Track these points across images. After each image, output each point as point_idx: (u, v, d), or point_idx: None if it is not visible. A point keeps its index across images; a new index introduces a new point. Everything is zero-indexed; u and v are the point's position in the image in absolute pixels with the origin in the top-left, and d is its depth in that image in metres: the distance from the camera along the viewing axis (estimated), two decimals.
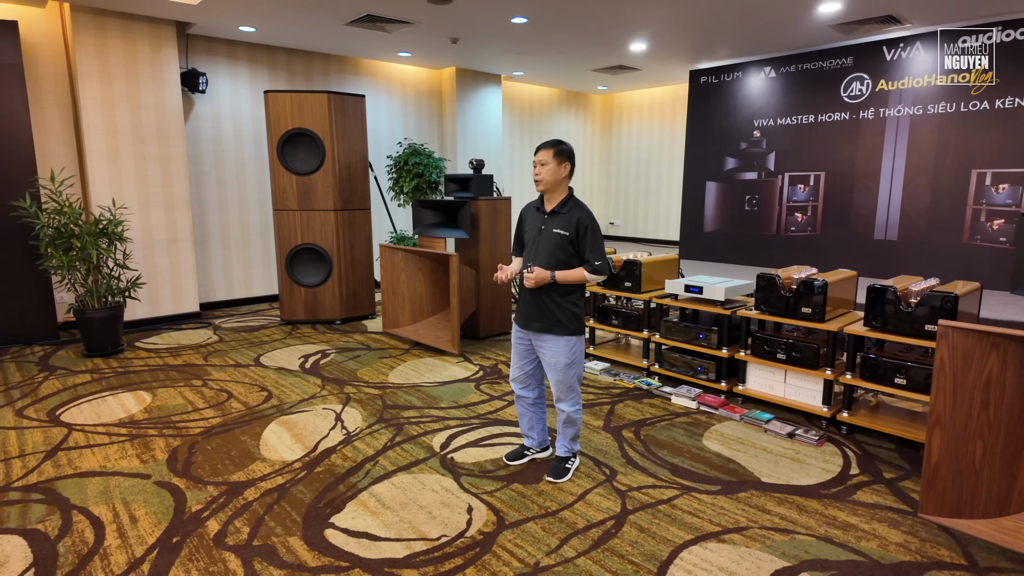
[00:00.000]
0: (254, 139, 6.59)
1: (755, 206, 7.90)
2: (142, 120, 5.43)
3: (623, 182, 10.94)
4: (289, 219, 5.57)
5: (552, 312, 2.62)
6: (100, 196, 5.28)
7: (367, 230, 5.92)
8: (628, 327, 4.34)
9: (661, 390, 3.92)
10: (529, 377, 2.81)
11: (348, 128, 5.61)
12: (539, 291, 2.64)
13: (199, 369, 4.41)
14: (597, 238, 2.58)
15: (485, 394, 3.91)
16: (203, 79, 5.97)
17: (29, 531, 2.44)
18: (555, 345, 2.64)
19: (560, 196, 2.64)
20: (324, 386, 4.05)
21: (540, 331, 2.66)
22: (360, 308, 5.95)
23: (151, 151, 5.50)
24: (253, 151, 6.60)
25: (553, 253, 2.60)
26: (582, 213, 2.58)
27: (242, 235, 6.62)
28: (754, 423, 3.46)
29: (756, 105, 7.76)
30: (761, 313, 3.59)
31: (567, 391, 2.70)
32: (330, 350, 4.90)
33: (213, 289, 6.45)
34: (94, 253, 4.57)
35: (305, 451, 3.09)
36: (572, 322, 2.63)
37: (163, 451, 3.09)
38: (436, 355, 4.78)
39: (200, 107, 6.21)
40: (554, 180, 2.60)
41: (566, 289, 2.62)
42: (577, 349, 2.66)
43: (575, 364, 2.67)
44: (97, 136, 5.24)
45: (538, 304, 2.65)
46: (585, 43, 6.62)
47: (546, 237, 2.62)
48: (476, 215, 5.00)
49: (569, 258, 2.60)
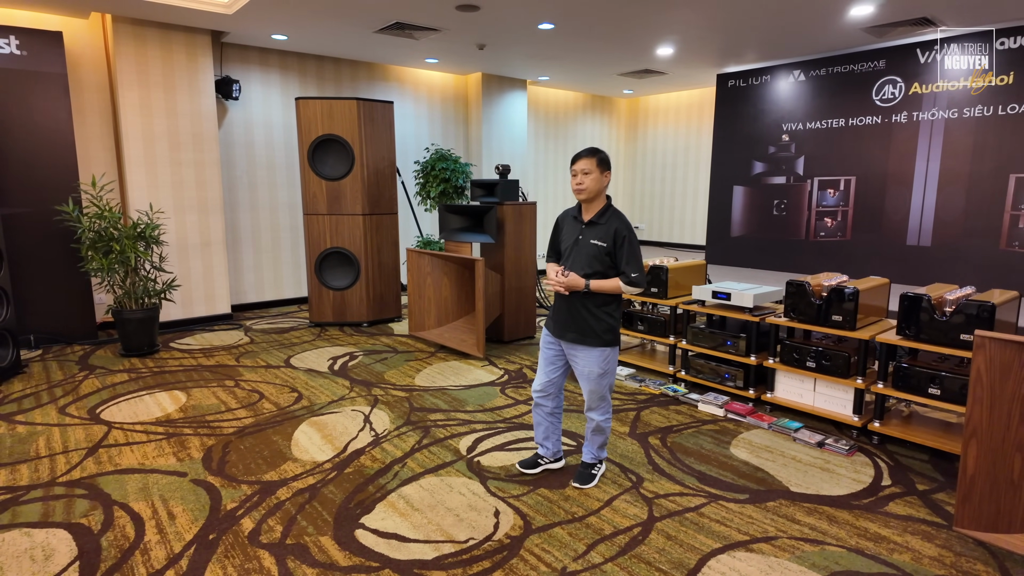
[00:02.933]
0: (285, 145, 6.73)
1: (784, 211, 7.80)
2: (178, 126, 5.59)
3: (648, 186, 10.89)
4: (319, 223, 5.67)
5: (587, 322, 2.61)
6: (138, 200, 5.44)
7: (394, 234, 5.99)
8: (654, 333, 4.33)
9: (688, 397, 3.89)
10: (552, 385, 2.81)
11: (376, 134, 5.69)
12: (575, 300, 2.62)
13: (231, 370, 4.51)
14: (635, 249, 2.56)
15: (510, 398, 3.94)
16: (236, 86, 6.13)
17: (74, 525, 2.53)
18: (588, 356, 2.63)
19: (599, 205, 2.63)
20: (352, 388, 4.12)
21: (574, 342, 2.65)
22: (387, 311, 6.02)
23: (186, 156, 5.66)
24: (284, 156, 6.74)
25: (590, 264, 2.59)
26: (620, 224, 2.57)
27: (273, 239, 6.76)
28: (783, 432, 3.42)
29: (785, 109, 7.67)
30: (790, 320, 3.56)
31: (598, 400, 2.70)
32: (358, 352, 4.98)
33: (244, 291, 6.59)
34: (132, 256, 4.71)
35: (335, 452, 3.15)
36: (607, 333, 2.62)
37: (198, 450, 3.18)
38: (461, 358, 4.82)
39: (233, 113, 6.36)
40: (598, 189, 2.60)
41: (603, 299, 2.60)
42: (611, 360, 2.65)
43: (608, 375, 2.66)
44: (135, 142, 5.41)
45: (573, 314, 2.64)
46: (611, 48, 6.62)
47: (583, 248, 2.62)
48: (502, 220, 5.03)
49: (606, 269, 2.59)
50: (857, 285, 3.42)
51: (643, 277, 2.57)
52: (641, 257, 2.59)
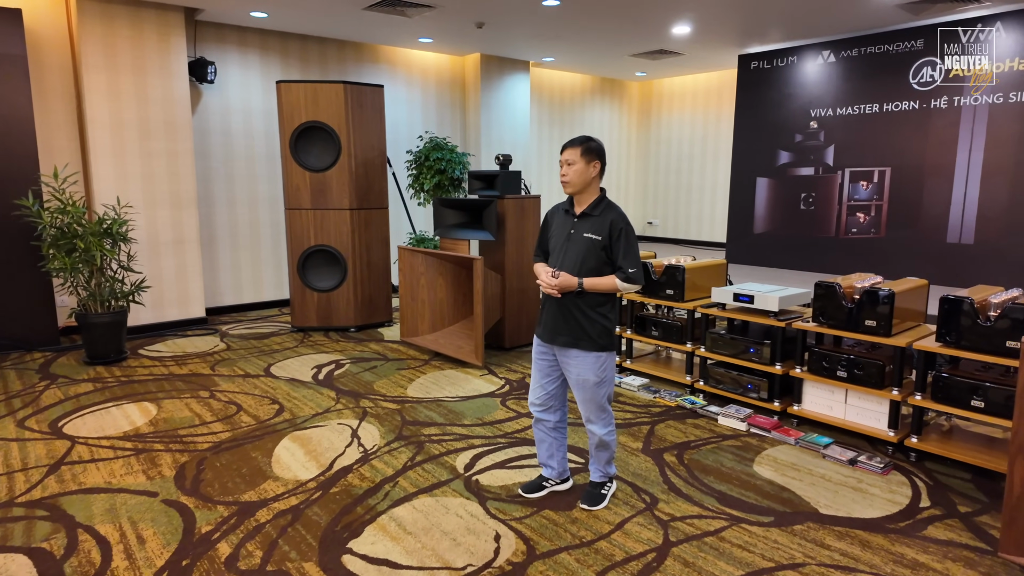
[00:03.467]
0: (265, 133, 6.74)
1: (812, 205, 7.80)
2: (148, 113, 5.61)
3: (663, 178, 10.89)
4: (302, 219, 5.68)
5: (580, 324, 2.61)
6: (104, 194, 5.46)
7: (384, 231, 6.00)
8: (669, 339, 4.33)
9: (706, 409, 3.90)
10: (551, 398, 2.80)
11: (365, 121, 5.70)
12: (566, 301, 2.63)
13: (206, 379, 4.52)
14: (631, 243, 2.57)
15: (512, 411, 3.94)
16: (212, 68, 6.14)
17: (35, 550, 2.54)
18: (583, 361, 2.63)
19: (591, 197, 2.64)
20: (339, 399, 4.12)
21: (566, 345, 2.65)
22: (376, 315, 6.03)
23: (157, 146, 5.67)
24: (264, 146, 6.75)
25: (584, 260, 2.60)
26: (615, 215, 2.58)
27: (252, 236, 6.77)
28: (811, 448, 3.42)
29: (813, 93, 7.68)
30: (819, 325, 3.56)
31: (597, 411, 2.69)
32: (344, 360, 4.99)
33: (220, 293, 6.60)
34: (98, 255, 4.73)
35: (320, 469, 3.15)
36: (603, 336, 2.62)
37: (170, 467, 3.18)
38: (458, 367, 4.82)
39: (208, 99, 6.38)
40: (583, 181, 2.61)
41: (596, 299, 2.61)
42: (607, 366, 2.64)
43: (605, 382, 2.66)
44: (102, 131, 5.42)
45: (565, 315, 2.64)
46: (623, 26, 6.63)
47: (576, 242, 2.62)
48: (502, 215, 5.04)
49: (601, 265, 2.59)
50: (892, 287, 3.42)
51: (641, 273, 2.57)
52: (639, 252, 2.60)
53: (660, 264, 4.41)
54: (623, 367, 4.66)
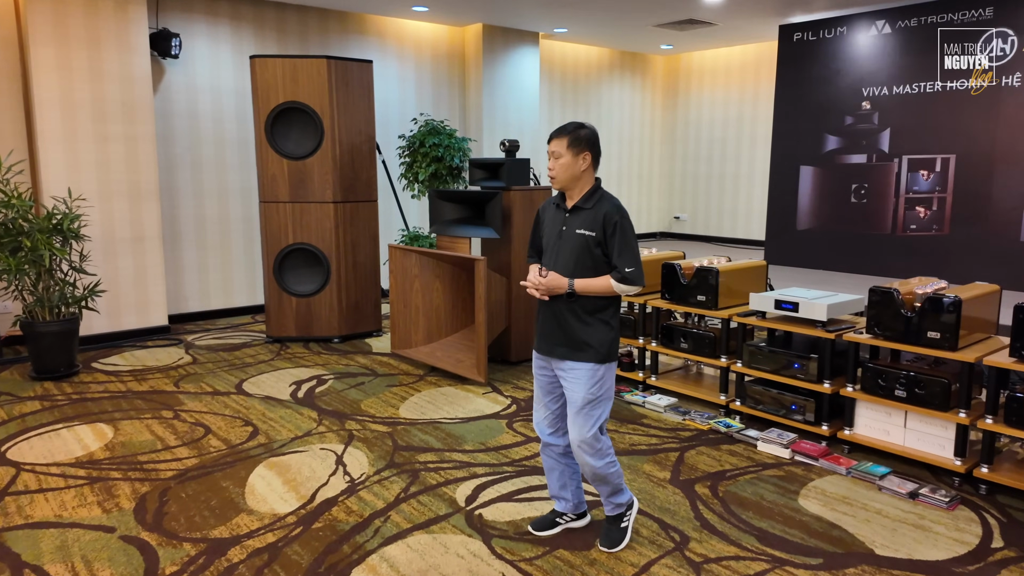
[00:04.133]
0: (237, 115, 6.77)
1: (864, 198, 7.78)
2: (104, 92, 5.64)
3: (692, 166, 10.89)
4: (279, 213, 5.71)
5: (576, 332, 2.62)
6: (54, 185, 5.49)
7: (373, 227, 6.02)
8: (701, 352, 4.33)
9: (744, 434, 3.89)
10: (558, 419, 2.80)
11: (352, 101, 5.73)
12: (559, 305, 2.65)
13: (169, 397, 4.54)
14: (628, 238, 2.59)
15: (520, 434, 3.94)
16: (176, 41, 6.18)
17: None
18: (577, 374, 2.63)
19: (584, 188, 2.67)
20: (321, 420, 4.13)
21: (564, 357, 2.66)
22: (363, 323, 6.04)
23: (114, 130, 5.71)
24: (236, 130, 6.78)
25: (578, 259, 2.62)
26: (609, 207, 2.60)
27: (221, 232, 6.80)
28: (865, 478, 3.42)
29: (865, 69, 7.67)
30: (874, 337, 3.54)
31: (587, 437, 2.64)
32: (327, 375, 5.00)
33: (185, 298, 6.63)
34: (46, 254, 4.76)
35: (300, 502, 3.16)
36: (603, 345, 2.63)
37: (129, 498, 3.20)
38: (458, 383, 4.83)
39: (172, 76, 6.42)
40: (570, 176, 2.64)
41: (595, 303, 2.63)
42: (604, 381, 2.64)
43: (599, 401, 2.64)
44: (51, 112, 5.46)
45: (560, 322, 2.65)
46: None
47: (568, 239, 2.64)
48: (508, 209, 5.05)
49: (597, 264, 2.61)
50: (959, 293, 3.41)
51: (640, 273, 2.58)
52: (637, 248, 2.61)
53: (690, 266, 4.40)
54: (648, 384, 4.66)
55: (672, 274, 4.40)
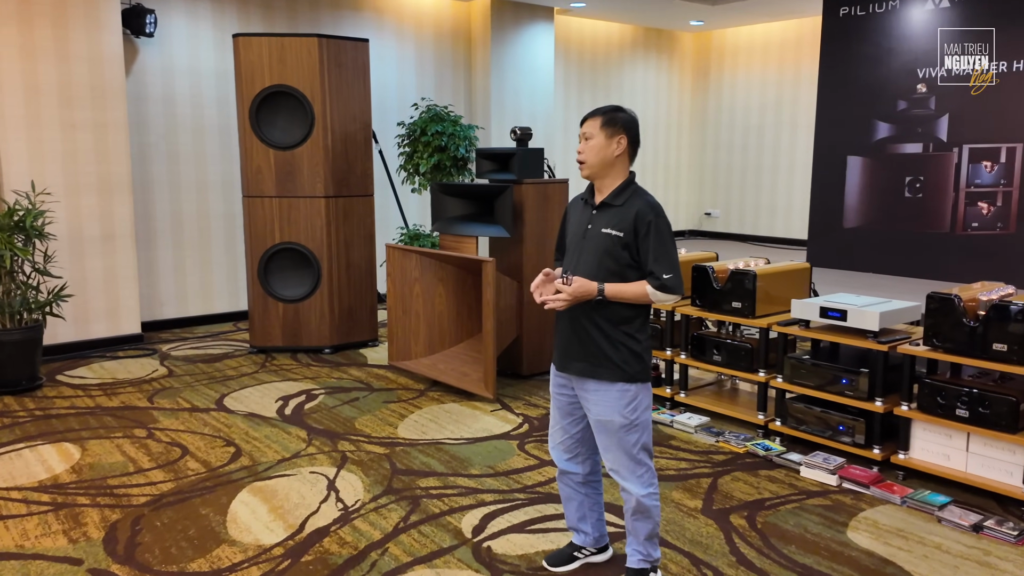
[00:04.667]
0: (218, 100, 6.80)
1: (919, 192, 7.74)
2: (71, 74, 5.68)
3: (724, 156, 10.86)
4: (264, 209, 5.73)
5: (600, 347, 2.59)
6: (15, 178, 5.53)
7: (369, 225, 6.03)
8: (736, 366, 4.31)
9: (785, 457, 3.87)
10: (578, 444, 2.78)
11: (345, 85, 5.74)
12: (580, 315, 2.61)
13: (142, 414, 4.55)
14: (664, 240, 2.54)
15: (532, 457, 3.93)
16: (151, 18, 6.22)
17: None
18: (604, 397, 2.60)
19: (614, 182, 2.63)
20: (311, 441, 4.13)
21: (583, 374, 2.62)
22: (358, 332, 6.05)
23: (82, 116, 5.74)
24: (217, 116, 6.81)
25: (601, 262, 2.58)
26: (643, 204, 2.56)
27: (200, 231, 6.82)
28: (922, 509, 3.39)
29: (921, 48, 7.63)
30: (932, 350, 3.52)
31: (629, 464, 2.62)
32: (318, 390, 5.00)
33: (160, 303, 6.66)
34: (7, 255, 4.79)
35: (288, 532, 3.16)
36: (630, 363, 2.59)
37: (98, 527, 3.20)
38: (463, 400, 4.82)
39: (147, 56, 6.45)
40: (601, 162, 2.60)
41: (621, 313, 2.58)
42: (639, 404, 2.60)
43: (637, 427, 2.61)
44: (12, 97, 5.50)
45: (580, 335, 2.62)
46: None
47: (592, 239, 2.61)
48: (520, 204, 5.05)
49: (623, 269, 2.58)
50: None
51: (679, 281, 2.54)
52: (676, 251, 2.57)
53: (724, 269, 4.39)
54: (677, 401, 4.64)
55: (704, 278, 4.38)
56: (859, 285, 7.16)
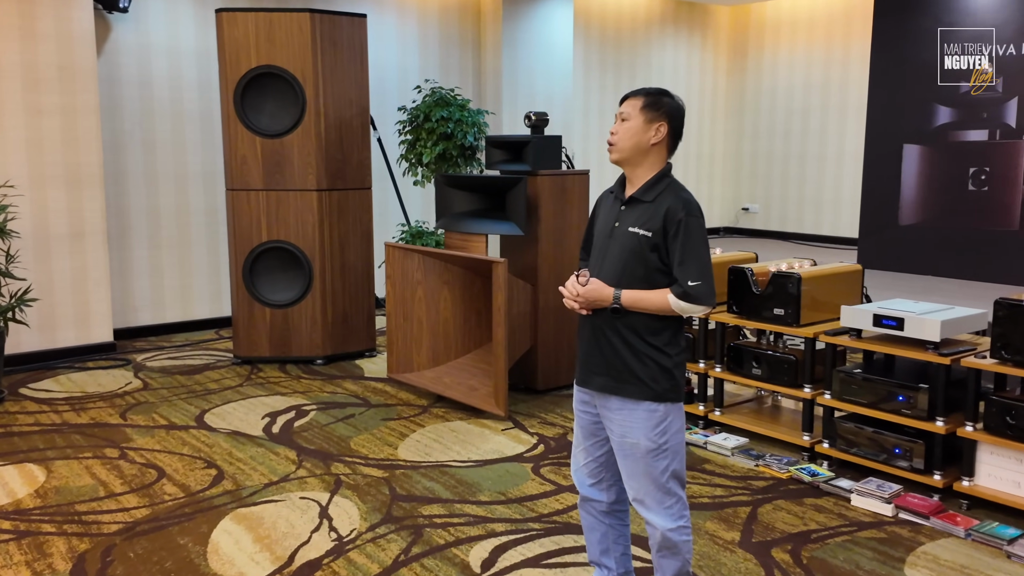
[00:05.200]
0: (200, 82, 6.83)
1: (984, 184, 7.68)
2: (36, 54, 5.72)
3: (764, 144, 10.82)
4: (250, 204, 5.75)
5: (624, 361, 2.56)
6: None
7: (366, 221, 6.03)
8: (778, 380, 4.29)
9: (834, 484, 3.86)
10: (602, 468, 2.76)
11: (341, 65, 5.76)
12: (602, 324, 2.58)
13: (114, 431, 4.57)
14: (695, 242, 2.50)
15: (549, 483, 3.92)
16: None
17: None
18: (629, 417, 2.57)
19: (647, 174, 2.61)
20: (301, 462, 4.14)
21: (605, 390, 2.60)
22: (353, 340, 6.06)
23: (49, 101, 5.78)
24: (198, 101, 6.84)
25: (627, 266, 2.56)
26: (674, 200, 2.53)
27: (179, 227, 6.85)
28: (989, 542, 3.36)
29: (987, 20, 7.57)
30: (1001, 363, 3.49)
31: (656, 494, 2.59)
32: (309, 406, 5.01)
33: (135, 308, 6.69)
34: None
35: (276, 564, 3.16)
36: (659, 379, 2.55)
37: (65, 558, 3.21)
38: (471, 417, 4.82)
39: (121, 34, 6.49)
40: (634, 147, 2.57)
41: (649, 323, 2.55)
42: (669, 426, 2.57)
43: (667, 451, 2.57)
44: None
45: (602, 347, 2.59)
46: None
47: (618, 239, 2.59)
48: (535, 199, 5.05)
49: (650, 274, 2.54)
50: None
51: (709, 289, 2.49)
52: (708, 257, 2.53)
53: (764, 271, 4.37)
54: (710, 420, 4.62)
55: (741, 281, 4.36)
56: (917, 290, 7.11)
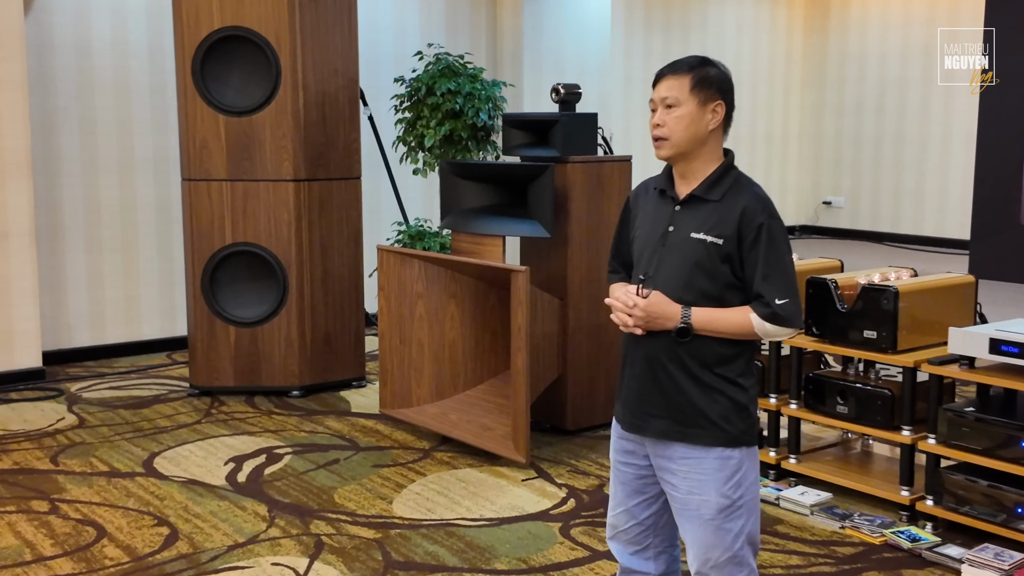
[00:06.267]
0: (149, 48, 6.88)
1: None
2: None
3: (851, 123, 10.78)
4: (211, 197, 5.77)
5: (690, 399, 2.55)
6: None
7: (354, 219, 6.05)
8: (868, 420, 4.26)
9: (940, 552, 3.84)
10: (649, 533, 2.76)
11: (324, 27, 5.78)
12: (661, 354, 2.57)
13: (44, 479, 4.58)
14: (780, 252, 2.51)
15: (581, 547, 3.91)
16: None
17: None
18: (698, 468, 2.55)
19: (707, 168, 2.59)
20: (273, 519, 4.13)
21: (666, 436, 2.58)
22: (338, 367, 6.06)
23: None
24: (147, 71, 6.88)
25: (691, 282, 2.54)
26: (752, 200, 2.52)
27: (124, 226, 6.88)
28: None
29: None
30: None
31: (727, 564, 2.58)
32: (283, 448, 5.01)
33: (69, 327, 6.71)
34: None
35: None
36: (733, 420, 2.55)
37: None
38: (484, 463, 4.81)
39: None
40: (692, 137, 2.55)
41: (718, 351, 2.54)
42: (745, 476, 2.57)
43: (741, 508, 2.57)
44: None
45: (660, 382, 2.58)
46: None
47: (677, 247, 2.58)
48: (563, 192, 5.04)
49: (720, 290, 2.53)
50: None
51: (797, 307, 2.49)
52: (793, 268, 2.53)
53: (851, 283, 4.35)
54: (784, 469, 4.60)
55: (823, 296, 4.34)
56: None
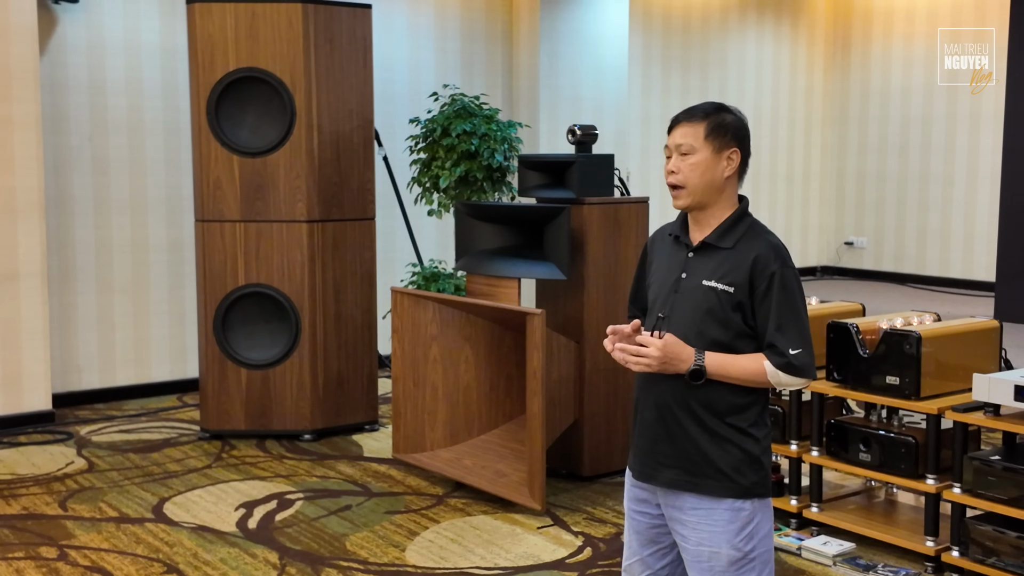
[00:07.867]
0: (164, 89, 6.93)
1: None
2: None
3: (873, 161, 10.78)
4: (224, 238, 5.80)
5: (700, 448, 2.55)
6: None
7: (368, 260, 6.07)
8: (893, 468, 4.24)
9: None
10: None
11: (339, 67, 5.83)
12: (671, 402, 2.57)
13: (52, 525, 4.58)
14: (794, 301, 2.52)
15: None
16: None
17: None
18: (708, 519, 2.55)
19: (720, 215, 2.60)
20: (284, 567, 4.13)
21: (676, 486, 2.59)
22: (350, 411, 6.07)
23: None
24: (161, 111, 6.93)
25: (703, 329, 2.55)
26: (764, 247, 2.54)
27: (135, 267, 6.91)
28: None
29: None
30: None
31: None
32: (294, 493, 5.02)
33: (79, 369, 6.73)
34: None
35: None
36: (744, 471, 2.54)
37: None
38: (499, 510, 4.81)
39: (69, 28, 6.61)
40: (707, 186, 2.57)
41: (731, 399, 2.55)
42: (757, 528, 2.56)
43: (754, 561, 2.56)
44: None
45: (671, 430, 2.59)
46: None
47: (688, 296, 2.59)
48: (580, 234, 5.06)
49: (733, 339, 2.55)
50: None
51: (811, 357, 2.50)
52: (807, 317, 2.54)
53: (873, 327, 4.34)
54: (805, 518, 4.57)
55: (844, 340, 4.33)
56: None
